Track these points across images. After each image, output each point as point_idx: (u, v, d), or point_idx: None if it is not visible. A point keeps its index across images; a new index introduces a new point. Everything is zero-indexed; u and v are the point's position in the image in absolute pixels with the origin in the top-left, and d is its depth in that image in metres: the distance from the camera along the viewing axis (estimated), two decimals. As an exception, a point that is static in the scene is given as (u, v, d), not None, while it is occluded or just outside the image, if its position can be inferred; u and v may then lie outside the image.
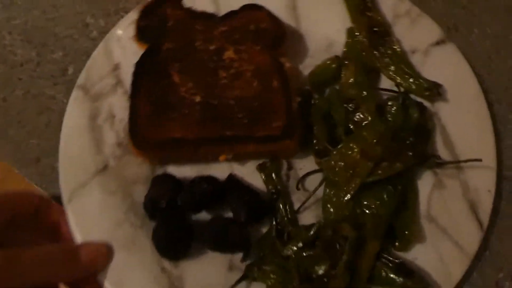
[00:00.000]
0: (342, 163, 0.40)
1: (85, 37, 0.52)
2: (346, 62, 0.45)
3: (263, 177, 0.43)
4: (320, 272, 0.36)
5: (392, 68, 0.46)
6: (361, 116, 0.43)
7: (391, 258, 0.38)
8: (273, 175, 0.43)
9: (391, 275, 0.37)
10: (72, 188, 0.43)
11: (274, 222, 0.41)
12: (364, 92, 0.44)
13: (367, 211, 0.39)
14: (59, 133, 0.45)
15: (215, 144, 0.41)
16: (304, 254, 0.37)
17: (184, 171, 0.44)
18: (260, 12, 0.46)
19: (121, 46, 0.48)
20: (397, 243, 0.39)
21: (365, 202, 0.39)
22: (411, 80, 0.45)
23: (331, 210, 0.40)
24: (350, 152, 0.40)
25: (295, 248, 0.38)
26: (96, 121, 0.46)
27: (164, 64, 0.44)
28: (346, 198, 0.39)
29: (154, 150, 0.41)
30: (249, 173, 0.44)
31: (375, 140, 0.40)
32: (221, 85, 0.43)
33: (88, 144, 0.45)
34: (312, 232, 0.38)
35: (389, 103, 0.44)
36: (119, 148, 0.45)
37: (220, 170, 0.44)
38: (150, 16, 0.46)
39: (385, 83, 0.47)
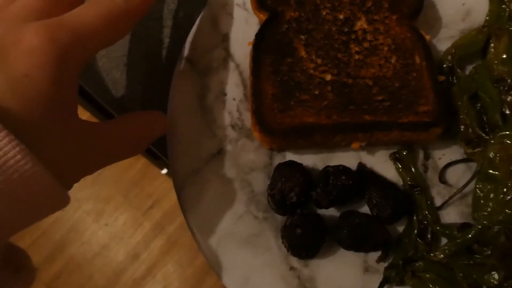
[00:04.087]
0: (504, 155, 0.35)
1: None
2: (497, 33, 0.39)
3: (399, 167, 0.38)
4: (494, 282, 0.31)
5: (553, 41, 0.39)
6: (519, 99, 0.37)
7: None
8: (411, 165, 0.38)
9: None
10: (184, 173, 0.39)
11: (415, 219, 0.36)
12: (520, 70, 0.37)
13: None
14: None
15: (352, 131, 0.36)
16: (472, 262, 0.32)
17: (304, 159, 0.39)
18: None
19: (228, 13, 0.43)
20: None
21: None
22: None
23: (487, 208, 0.35)
24: (513, 143, 0.35)
25: (447, 252, 0.34)
26: (205, 99, 0.41)
27: (288, 36, 0.38)
28: (510, 196, 0.34)
29: (282, 136, 0.36)
30: (379, 163, 0.39)
31: (545, 129, 0.34)
32: (354, 61, 0.37)
33: (199, 126, 0.40)
34: (470, 235, 0.33)
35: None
36: (234, 131, 0.40)
37: (345, 158, 0.39)
38: (268, -20, 0.40)
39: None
